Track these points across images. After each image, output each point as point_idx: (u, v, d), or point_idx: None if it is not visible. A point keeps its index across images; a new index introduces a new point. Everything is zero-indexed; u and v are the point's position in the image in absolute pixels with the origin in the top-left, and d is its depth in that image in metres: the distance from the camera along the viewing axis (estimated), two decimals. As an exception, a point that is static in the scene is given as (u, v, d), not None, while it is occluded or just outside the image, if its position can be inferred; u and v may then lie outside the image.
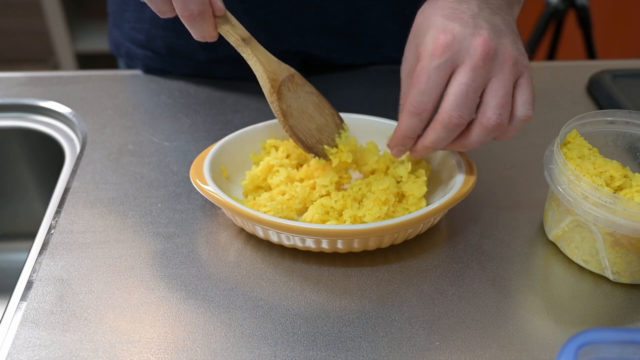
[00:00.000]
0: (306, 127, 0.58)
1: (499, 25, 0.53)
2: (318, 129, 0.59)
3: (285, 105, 0.57)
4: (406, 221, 0.52)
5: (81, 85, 0.83)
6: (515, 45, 0.53)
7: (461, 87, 0.51)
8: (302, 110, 0.59)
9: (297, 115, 0.58)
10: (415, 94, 0.52)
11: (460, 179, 0.57)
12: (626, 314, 0.51)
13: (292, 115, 0.57)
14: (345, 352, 0.48)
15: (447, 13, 0.53)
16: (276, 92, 0.56)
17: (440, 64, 0.51)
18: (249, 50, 0.57)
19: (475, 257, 0.56)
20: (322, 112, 0.61)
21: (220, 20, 0.55)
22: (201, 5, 0.52)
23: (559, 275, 0.55)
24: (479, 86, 0.51)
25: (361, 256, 0.56)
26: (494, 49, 0.51)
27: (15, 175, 0.82)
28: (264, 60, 0.57)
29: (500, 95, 0.51)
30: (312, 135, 0.58)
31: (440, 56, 0.51)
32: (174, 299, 0.52)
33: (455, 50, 0.51)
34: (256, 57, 0.57)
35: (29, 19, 2.07)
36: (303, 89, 0.60)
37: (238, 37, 0.56)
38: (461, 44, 0.51)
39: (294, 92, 0.59)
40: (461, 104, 0.51)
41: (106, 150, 0.70)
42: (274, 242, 0.55)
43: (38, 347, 0.48)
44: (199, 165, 0.58)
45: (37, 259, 0.56)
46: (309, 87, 0.61)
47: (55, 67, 2.13)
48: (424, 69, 0.52)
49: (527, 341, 0.49)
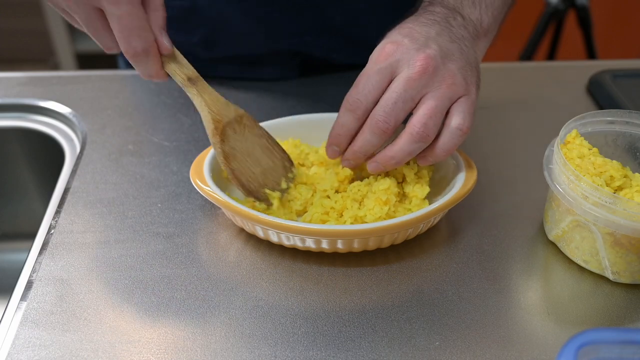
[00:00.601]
0: (250, 170, 0.57)
1: (452, 52, 0.54)
2: (263, 172, 0.58)
3: (228, 147, 0.56)
4: (406, 221, 0.52)
5: (81, 85, 0.83)
6: (462, 72, 0.54)
7: (392, 94, 0.53)
8: (247, 152, 0.58)
9: (240, 158, 0.57)
10: (352, 93, 0.55)
11: (460, 179, 0.57)
12: (626, 314, 0.51)
13: (235, 157, 0.56)
14: (345, 352, 0.48)
15: (404, 31, 0.55)
16: (219, 133, 0.56)
17: (381, 68, 0.53)
18: (194, 90, 0.56)
19: (475, 257, 0.56)
20: (270, 155, 0.60)
21: (167, 59, 0.54)
22: (145, 43, 0.51)
23: (559, 275, 0.55)
24: (410, 97, 0.53)
25: (361, 256, 0.56)
26: (433, 67, 0.52)
27: (15, 175, 0.82)
28: (210, 101, 0.56)
29: (429, 107, 0.53)
30: (255, 179, 0.57)
31: (382, 62, 0.53)
32: (174, 299, 0.52)
33: (396, 59, 0.53)
34: (201, 97, 0.56)
35: (29, 19, 2.07)
36: (252, 131, 0.59)
37: (184, 76, 0.55)
38: (404, 54, 0.53)
39: (240, 134, 0.58)
40: (389, 110, 0.53)
41: (106, 150, 0.70)
42: (274, 242, 0.55)
43: (38, 347, 0.48)
44: (198, 165, 0.58)
45: (37, 259, 0.56)
46: (259, 130, 0.60)
47: (55, 67, 2.13)
48: (366, 71, 0.55)
49: (527, 341, 0.49)
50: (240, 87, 0.82)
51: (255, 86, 0.83)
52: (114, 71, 0.87)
